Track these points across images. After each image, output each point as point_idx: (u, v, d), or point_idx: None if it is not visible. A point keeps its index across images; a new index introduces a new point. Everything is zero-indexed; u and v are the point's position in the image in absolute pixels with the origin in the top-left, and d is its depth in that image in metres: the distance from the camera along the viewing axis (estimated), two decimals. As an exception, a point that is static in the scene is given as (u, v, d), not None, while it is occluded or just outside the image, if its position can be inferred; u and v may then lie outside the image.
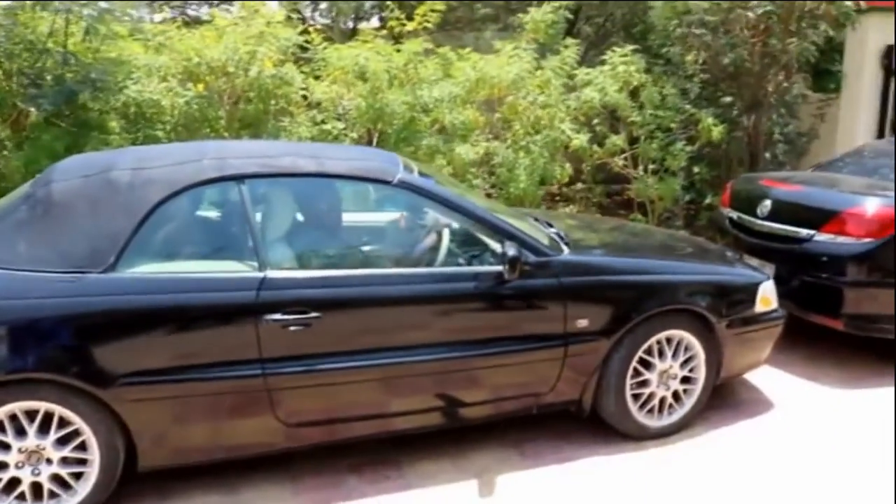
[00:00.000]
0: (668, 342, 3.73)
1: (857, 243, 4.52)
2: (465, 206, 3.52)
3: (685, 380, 3.81)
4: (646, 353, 3.68)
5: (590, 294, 3.56)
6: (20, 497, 2.92)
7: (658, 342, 3.70)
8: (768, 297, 4.03)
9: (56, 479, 2.95)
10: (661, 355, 3.72)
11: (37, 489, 2.93)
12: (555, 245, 3.67)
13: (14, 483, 2.91)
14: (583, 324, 3.50)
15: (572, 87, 7.02)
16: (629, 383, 3.66)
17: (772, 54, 7.27)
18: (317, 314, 3.09)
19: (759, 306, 3.97)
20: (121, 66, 5.70)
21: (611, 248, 4.36)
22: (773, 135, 7.66)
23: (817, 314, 4.69)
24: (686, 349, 3.78)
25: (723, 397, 4.14)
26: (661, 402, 3.77)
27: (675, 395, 3.80)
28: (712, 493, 3.34)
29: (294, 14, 7.01)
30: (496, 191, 6.50)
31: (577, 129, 6.82)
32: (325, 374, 3.16)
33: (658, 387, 3.73)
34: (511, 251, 3.28)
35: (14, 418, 2.88)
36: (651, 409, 3.75)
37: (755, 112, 7.46)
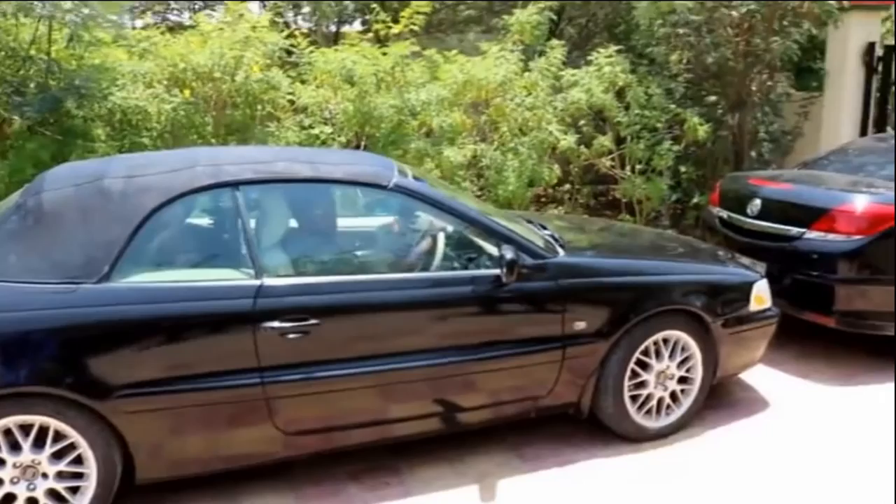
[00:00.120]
0: (665, 343, 3.73)
1: (848, 240, 4.55)
2: (460, 209, 3.51)
3: (682, 380, 3.81)
4: (643, 354, 3.68)
5: (587, 296, 3.56)
6: (16, 513, 2.87)
7: (655, 343, 3.70)
8: (762, 295, 4.04)
9: (52, 493, 2.89)
10: (658, 356, 3.72)
11: (32, 505, 2.88)
12: (550, 247, 3.67)
13: (9, 499, 2.85)
14: (580, 326, 3.50)
15: (559, 88, 7.01)
16: (627, 385, 3.66)
17: (755, 53, 7.31)
18: (315, 321, 3.06)
19: (753, 305, 3.98)
20: (105, 72, 5.62)
21: (605, 249, 4.37)
22: (757, 133, 7.69)
23: (809, 312, 4.71)
24: (683, 349, 3.78)
25: (718, 397, 4.15)
26: (659, 402, 3.77)
27: (673, 396, 3.81)
28: (712, 493, 3.35)
29: (278, 18, 6.97)
30: (485, 193, 6.48)
31: (565, 130, 6.82)
32: (325, 382, 3.13)
33: (656, 388, 3.74)
34: (508, 254, 3.27)
35: (8, 433, 2.82)
36: (649, 410, 3.75)
37: (740, 111, 7.49)
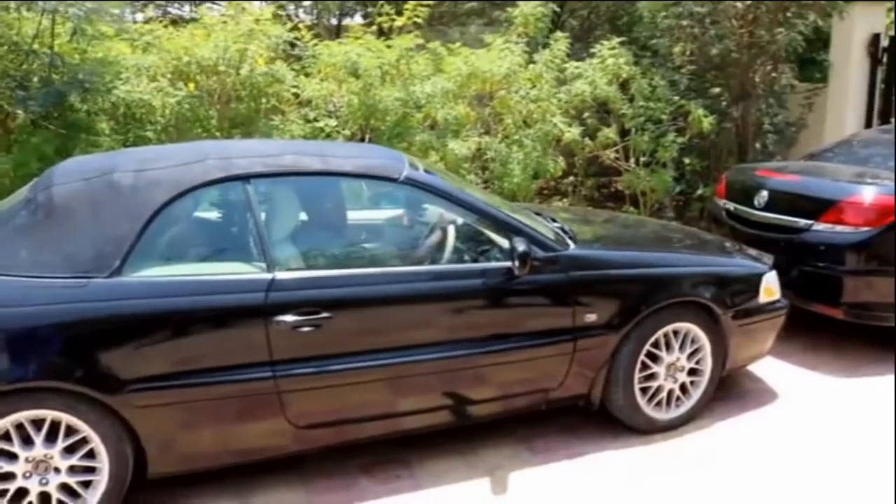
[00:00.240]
0: (675, 335, 3.73)
1: (856, 232, 4.54)
2: (471, 201, 3.49)
3: (692, 372, 3.81)
4: (653, 346, 3.67)
5: (598, 288, 3.55)
6: (28, 507, 2.86)
7: (665, 335, 3.70)
8: (771, 287, 4.03)
9: (64, 488, 2.89)
10: (668, 348, 3.72)
11: (45, 499, 2.87)
12: (561, 240, 3.66)
13: (22, 493, 2.84)
14: (591, 318, 3.49)
15: (563, 80, 7.00)
16: (637, 377, 3.65)
17: (759, 45, 7.28)
18: (327, 314, 3.05)
19: (763, 297, 3.97)
20: (109, 66, 5.60)
21: (614, 241, 4.36)
22: (762, 125, 7.68)
23: (817, 303, 4.71)
24: (693, 341, 3.78)
25: (728, 389, 4.15)
26: (669, 394, 3.77)
27: (683, 388, 3.80)
28: (723, 484, 3.34)
29: (281, 11, 6.95)
30: (490, 185, 6.47)
31: (569, 122, 6.80)
32: (336, 375, 3.12)
33: (666, 379, 3.73)
34: (521, 246, 3.25)
35: (20, 427, 2.81)
36: (659, 402, 3.75)
37: (744, 102, 7.47)
